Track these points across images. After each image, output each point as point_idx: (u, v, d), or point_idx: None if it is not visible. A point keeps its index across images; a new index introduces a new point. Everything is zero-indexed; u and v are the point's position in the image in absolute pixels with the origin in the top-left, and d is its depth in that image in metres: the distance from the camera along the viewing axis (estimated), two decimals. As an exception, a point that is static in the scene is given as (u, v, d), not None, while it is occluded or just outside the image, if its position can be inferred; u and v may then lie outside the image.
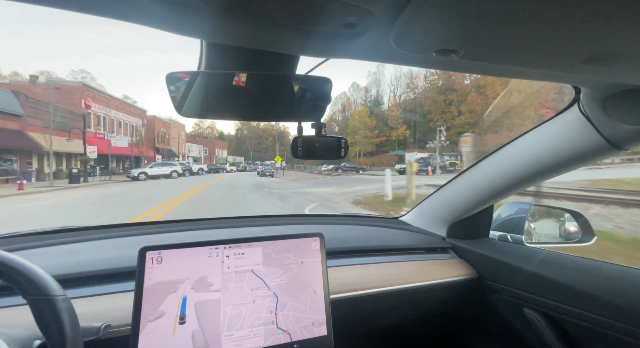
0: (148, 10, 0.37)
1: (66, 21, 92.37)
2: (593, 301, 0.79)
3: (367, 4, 0.35)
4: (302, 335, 0.72)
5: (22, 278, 0.47)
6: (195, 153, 52.72)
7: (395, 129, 52.62)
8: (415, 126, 50.98)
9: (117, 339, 0.65)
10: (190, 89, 0.59)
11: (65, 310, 0.47)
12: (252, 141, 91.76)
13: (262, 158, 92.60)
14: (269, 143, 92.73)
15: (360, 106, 63.36)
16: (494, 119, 16.98)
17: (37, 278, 0.47)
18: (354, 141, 54.77)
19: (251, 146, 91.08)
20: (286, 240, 0.76)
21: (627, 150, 0.73)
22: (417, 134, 49.64)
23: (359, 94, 68.10)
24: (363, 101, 65.88)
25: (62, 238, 0.94)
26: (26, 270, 0.47)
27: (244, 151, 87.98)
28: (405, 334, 1.24)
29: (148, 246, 0.65)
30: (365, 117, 55.57)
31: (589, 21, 0.35)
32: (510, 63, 0.48)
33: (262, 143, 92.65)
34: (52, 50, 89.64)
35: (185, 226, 1.13)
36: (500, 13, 0.34)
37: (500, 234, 1.19)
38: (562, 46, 0.41)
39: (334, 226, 1.31)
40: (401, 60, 0.51)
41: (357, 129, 54.65)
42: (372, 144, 54.77)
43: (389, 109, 58.74)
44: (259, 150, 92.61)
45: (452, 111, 41.75)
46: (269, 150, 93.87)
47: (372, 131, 55.48)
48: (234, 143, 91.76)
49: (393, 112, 55.41)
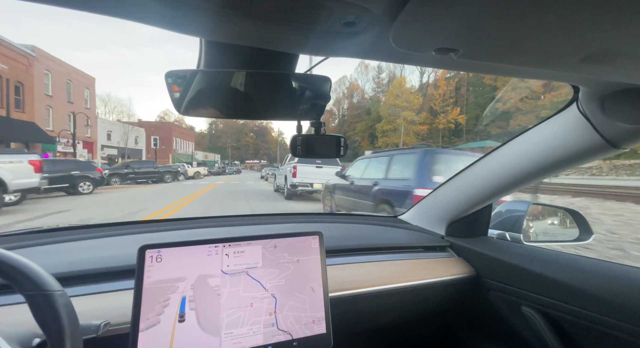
0: (147, 9, 0.37)
1: (27, 14, 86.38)
2: (591, 299, 0.79)
3: (366, 3, 0.35)
4: (303, 332, 0.72)
5: (18, 274, 0.47)
6: (130, 142, 31.51)
7: (442, 113, 37.36)
8: (467, 109, 33.42)
9: (116, 337, 0.65)
10: (189, 88, 0.59)
11: (63, 305, 0.47)
12: (230, 136, 78.00)
13: (242, 157, 79.69)
14: (249, 139, 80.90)
15: (399, 77, 46.12)
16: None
17: (33, 274, 0.47)
18: (391, 128, 39.97)
19: (228, 142, 77.34)
20: (285, 238, 0.76)
21: (625, 149, 0.73)
22: (472, 121, 35.49)
23: (368, 76, 55.36)
24: (376, 85, 54.29)
25: (61, 236, 0.94)
26: (22, 266, 0.47)
27: (219, 148, 74.40)
28: (404, 332, 1.25)
29: (147, 244, 0.65)
30: (408, 93, 40.01)
31: (589, 20, 0.35)
32: (510, 62, 0.48)
33: (242, 139, 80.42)
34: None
35: (184, 224, 1.13)
36: (499, 12, 0.34)
37: (498, 232, 1.19)
38: (561, 45, 0.41)
39: (332, 224, 1.31)
40: (400, 59, 0.51)
41: (395, 113, 39.08)
42: (415, 134, 38.66)
43: (434, 85, 42.10)
44: (238, 148, 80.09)
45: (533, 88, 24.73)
46: (249, 147, 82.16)
47: (418, 114, 39.08)
48: (207, 139, 78.11)
49: (439, 90, 39.26)
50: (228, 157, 71.05)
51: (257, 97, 0.64)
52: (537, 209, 1.30)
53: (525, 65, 0.49)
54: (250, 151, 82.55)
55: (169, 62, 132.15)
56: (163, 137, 40.29)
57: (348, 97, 58.89)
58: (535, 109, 26.07)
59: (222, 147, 76.00)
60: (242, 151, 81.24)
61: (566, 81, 0.66)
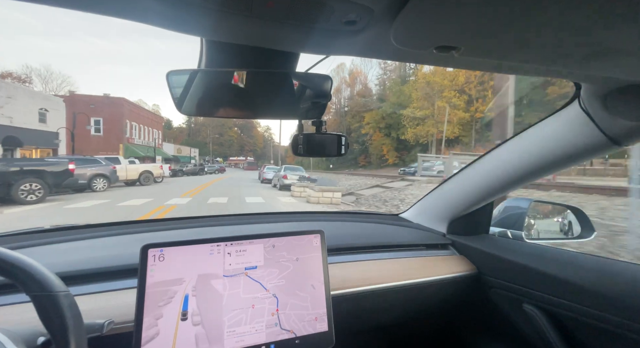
0: (147, 8, 0.37)
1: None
2: (593, 296, 0.79)
3: (367, 1, 0.35)
4: (306, 330, 0.73)
5: (24, 275, 0.47)
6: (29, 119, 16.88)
7: (479, 98, 27.29)
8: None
9: (120, 335, 0.66)
10: (190, 87, 0.60)
11: (68, 306, 0.48)
12: (212, 130, 69.74)
13: (225, 154, 71.95)
14: (233, 134, 72.60)
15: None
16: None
17: (39, 275, 0.47)
18: (428, 114, 29.38)
19: (208, 136, 69.67)
20: (283, 237, 0.76)
21: (627, 146, 0.73)
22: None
23: (372, 61, 45.83)
24: (382, 71, 45.84)
25: (65, 236, 0.95)
26: (28, 267, 0.47)
27: (199, 143, 64.65)
28: (406, 330, 1.25)
29: (150, 243, 0.65)
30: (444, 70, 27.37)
31: (591, 17, 0.34)
32: (511, 59, 0.48)
33: (225, 134, 72.18)
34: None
35: (186, 223, 1.13)
36: (500, 10, 0.34)
37: (500, 230, 1.19)
38: (563, 42, 0.41)
39: (333, 223, 1.31)
40: (401, 57, 0.51)
41: (431, 94, 28.56)
42: (459, 123, 28.45)
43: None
44: (221, 143, 71.91)
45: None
46: (234, 143, 73.96)
47: (459, 96, 28.06)
48: (185, 133, 70.10)
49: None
50: (209, 153, 64.70)
51: (258, 97, 0.64)
52: (539, 206, 1.30)
53: (527, 62, 0.49)
54: (234, 146, 74.53)
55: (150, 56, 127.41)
56: (110, 119, 26.79)
57: (351, 84, 51.18)
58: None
59: (203, 142, 67.48)
60: (226, 147, 73.72)
61: (568, 78, 0.66)
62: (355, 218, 1.40)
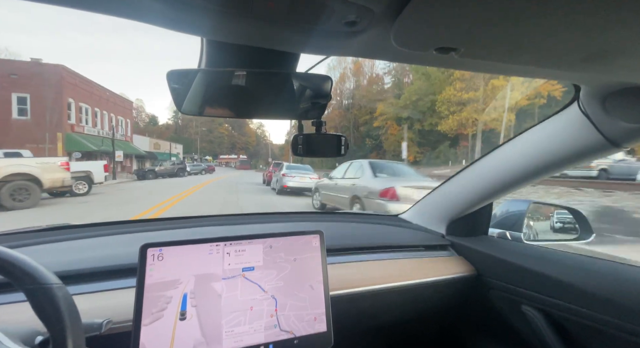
0: (148, 8, 0.37)
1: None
2: (591, 298, 0.80)
3: (367, 2, 0.35)
4: (305, 330, 0.72)
5: (15, 269, 0.47)
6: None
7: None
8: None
9: (119, 335, 0.66)
10: (190, 87, 0.60)
11: (62, 297, 0.47)
12: (199, 126, 64.66)
13: (215, 151, 66.67)
14: (223, 130, 67.89)
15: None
16: None
17: (29, 268, 0.47)
18: (480, 97, 23.96)
19: (196, 133, 64.49)
20: (281, 237, 0.76)
21: (625, 148, 0.73)
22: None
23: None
24: (386, 64, 38.42)
25: (63, 235, 0.95)
26: (18, 261, 0.47)
27: (186, 140, 60.75)
28: (404, 331, 1.25)
29: (149, 243, 0.65)
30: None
31: (590, 19, 0.35)
32: (511, 61, 0.48)
33: (215, 130, 67.09)
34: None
35: (184, 223, 1.13)
36: (500, 11, 0.34)
37: (499, 231, 1.19)
38: (563, 44, 0.41)
39: (333, 223, 1.31)
40: (401, 58, 0.51)
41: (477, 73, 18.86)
42: (517, 110, 22.44)
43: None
44: (210, 140, 67.22)
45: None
46: (224, 140, 69.45)
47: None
48: (171, 130, 65.84)
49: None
50: (197, 151, 59.69)
51: (258, 97, 0.64)
52: (538, 208, 1.30)
53: (527, 64, 0.49)
54: (225, 144, 69.22)
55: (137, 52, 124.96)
56: (42, 96, 17.84)
57: (356, 74, 44.63)
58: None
59: (190, 139, 62.56)
60: (216, 145, 67.47)
61: (567, 80, 0.66)
62: (354, 219, 1.40)
